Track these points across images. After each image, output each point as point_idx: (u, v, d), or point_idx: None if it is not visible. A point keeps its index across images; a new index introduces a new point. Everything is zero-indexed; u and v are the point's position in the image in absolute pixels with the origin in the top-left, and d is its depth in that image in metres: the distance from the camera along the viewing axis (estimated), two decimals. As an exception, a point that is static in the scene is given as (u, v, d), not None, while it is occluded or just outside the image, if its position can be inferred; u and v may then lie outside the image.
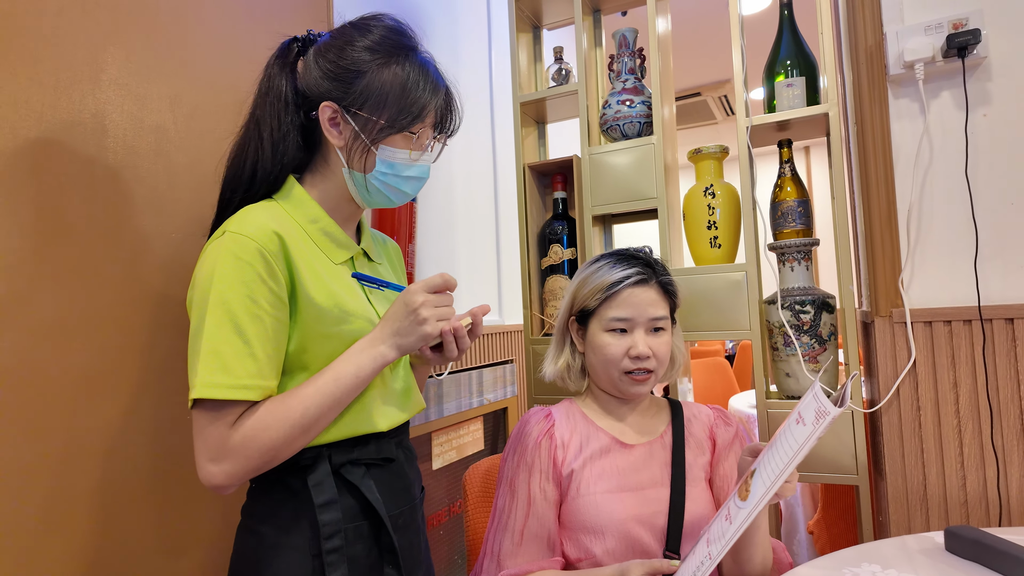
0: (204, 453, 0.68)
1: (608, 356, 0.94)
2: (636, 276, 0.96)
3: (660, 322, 0.96)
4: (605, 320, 0.96)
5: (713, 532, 0.76)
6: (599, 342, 0.96)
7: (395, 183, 0.81)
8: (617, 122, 1.45)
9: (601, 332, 0.96)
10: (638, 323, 0.95)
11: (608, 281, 0.96)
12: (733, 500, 0.75)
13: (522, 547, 0.90)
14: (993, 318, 1.10)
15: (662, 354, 0.95)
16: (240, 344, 0.68)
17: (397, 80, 0.77)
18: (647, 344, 0.94)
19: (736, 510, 0.73)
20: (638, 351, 0.93)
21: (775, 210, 1.37)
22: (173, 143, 0.96)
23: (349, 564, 0.74)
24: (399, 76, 0.77)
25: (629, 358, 0.93)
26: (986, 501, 1.10)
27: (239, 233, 0.71)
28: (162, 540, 0.89)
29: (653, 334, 0.96)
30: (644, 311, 0.95)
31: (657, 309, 0.95)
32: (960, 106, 1.14)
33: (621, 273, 0.96)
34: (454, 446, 1.65)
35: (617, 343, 0.94)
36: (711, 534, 0.76)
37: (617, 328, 0.95)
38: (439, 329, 0.76)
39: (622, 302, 0.95)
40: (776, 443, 0.72)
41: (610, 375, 0.95)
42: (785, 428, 0.72)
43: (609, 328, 0.95)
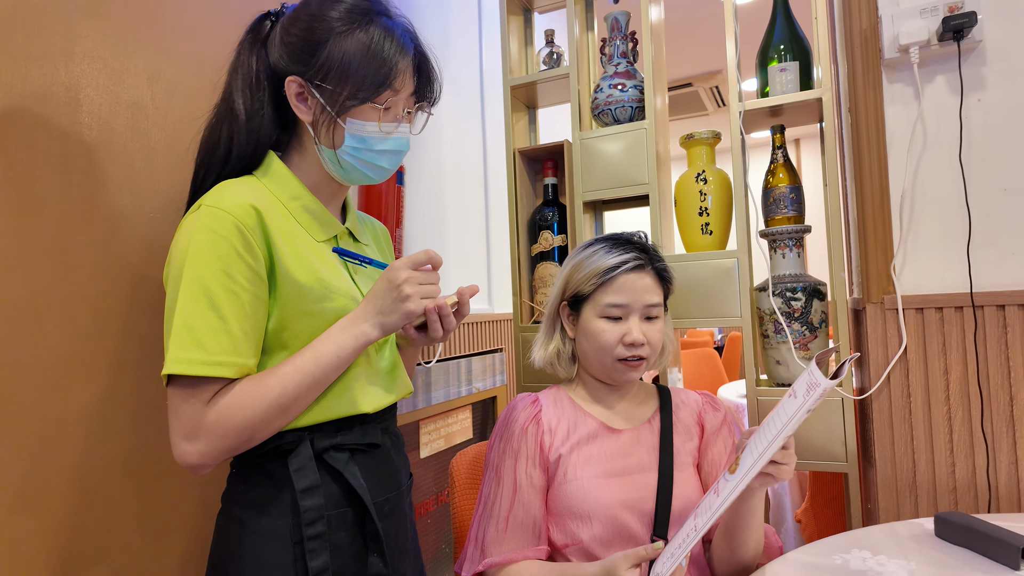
0: (178, 431, 0.66)
1: (602, 343, 0.92)
2: (633, 262, 0.94)
3: (654, 309, 0.94)
4: (600, 306, 0.94)
5: (702, 506, 0.75)
6: (593, 328, 0.94)
7: (369, 158, 0.78)
8: (609, 106, 1.43)
9: (595, 318, 0.94)
10: (633, 309, 0.93)
11: (604, 266, 0.94)
12: (723, 475, 0.75)
13: (507, 534, 0.88)
14: (985, 305, 1.09)
15: (655, 341, 0.94)
16: (215, 319, 0.66)
17: (359, 47, 0.74)
18: (641, 331, 0.92)
19: (724, 483, 0.72)
20: (633, 338, 0.91)
21: (767, 196, 1.36)
22: (151, 120, 0.93)
23: (332, 551, 0.72)
24: (361, 42, 0.74)
25: (623, 345, 0.92)
26: (975, 488, 1.10)
27: (215, 207, 0.68)
28: (141, 524, 0.87)
29: (647, 321, 0.94)
30: (640, 297, 0.93)
31: (652, 296, 0.94)
32: (955, 91, 1.13)
33: (618, 258, 0.94)
34: (442, 435, 1.63)
35: (611, 329, 0.92)
36: (699, 508, 0.75)
37: (612, 315, 0.93)
38: (423, 307, 0.74)
39: (618, 288, 0.93)
40: (768, 420, 0.72)
41: (603, 361, 0.93)
42: (779, 406, 0.71)
43: (604, 314, 0.94)
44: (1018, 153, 1.10)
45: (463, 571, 0.90)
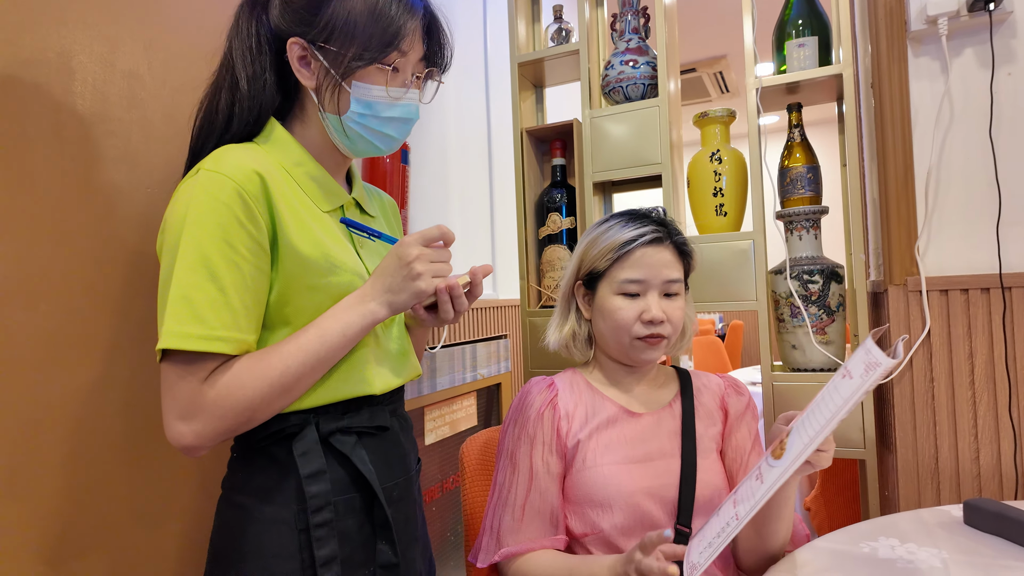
0: (173, 410, 0.62)
1: (619, 321, 0.88)
2: (651, 235, 0.89)
3: (674, 286, 0.90)
4: (616, 282, 0.89)
5: (741, 492, 0.71)
6: (610, 306, 0.89)
7: (376, 125, 0.74)
8: (620, 83, 1.39)
9: (611, 295, 0.90)
10: (652, 285, 0.88)
11: (620, 240, 0.90)
12: (766, 460, 0.70)
13: (523, 523, 0.85)
14: (1013, 286, 1.06)
15: (676, 319, 0.89)
16: (215, 292, 0.62)
17: (365, 5, 0.70)
18: (661, 308, 0.88)
19: (768, 469, 0.68)
20: (652, 315, 0.87)
21: (783, 177, 1.32)
22: (148, 91, 0.89)
23: (339, 539, 0.68)
24: (367, 0, 0.70)
25: (642, 323, 0.87)
26: (1000, 474, 1.07)
27: (215, 171, 0.64)
28: (138, 511, 0.83)
29: (666, 298, 0.90)
30: (658, 272, 0.88)
31: (672, 271, 0.89)
32: (985, 64, 1.09)
33: (634, 231, 0.90)
34: (447, 421, 1.60)
35: (629, 306, 0.88)
36: (739, 495, 0.71)
37: (629, 291, 0.89)
38: (434, 286, 0.70)
39: (635, 262, 0.89)
40: (817, 403, 0.68)
41: (620, 341, 0.89)
42: (828, 387, 0.66)
43: (621, 291, 0.89)
44: (1048, 129, 1.06)
45: (479, 561, 0.86)
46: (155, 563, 0.85)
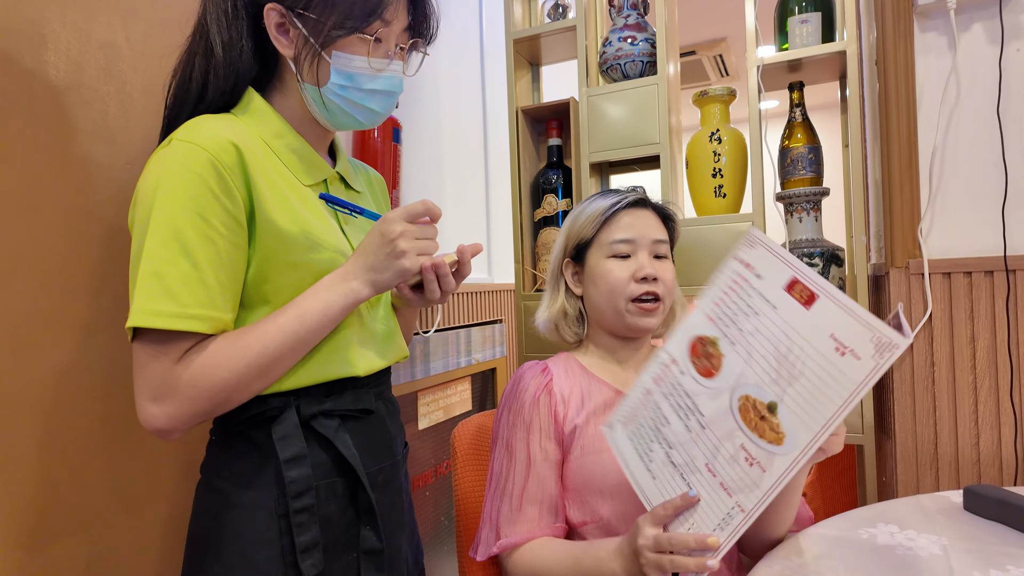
0: (144, 392, 0.59)
1: (613, 282, 0.86)
2: (632, 197, 0.91)
3: (662, 247, 0.89)
4: (605, 245, 0.89)
5: (728, 476, 0.65)
6: (601, 270, 0.88)
7: (357, 98, 0.71)
8: (618, 61, 1.35)
9: (602, 260, 0.88)
10: (641, 245, 0.88)
11: (603, 206, 0.90)
12: (748, 437, 0.64)
13: (522, 513, 0.82)
14: (1018, 269, 1.03)
15: (669, 280, 0.88)
16: (188, 267, 0.59)
17: None
18: (655, 267, 0.87)
19: (767, 456, 0.63)
20: (645, 272, 0.85)
21: (784, 157, 1.29)
22: (126, 62, 0.85)
23: (321, 524, 0.66)
24: None
25: (636, 281, 0.86)
26: (1000, 460, 1.06)
27: (188, 141, 0.61)
28: (118, 494, 0.81)
29: (656, 260, 0.89)
30: (646, 232, 0.88)
31: (658, 232, 0.90)
32: (994, 40, 1.06)
33: (615, 197, 0.91)
34: (441, 406, 1.58)
35: (621, 267, 0.87)
36: (725, 478, 0.66)
37: (620, 252, 0.88)
38: (419, 265, 0.67)
39: (621, 223, 0.89)
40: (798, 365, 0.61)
41: (616, 306, 0.87)
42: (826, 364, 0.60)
43: (611, 253, 0.88)
44: (1057, 108, 1.03)
45: (478, 555, 0.84)
46: (136, 547, 0.83)
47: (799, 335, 0.61)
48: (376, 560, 0.70)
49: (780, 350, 0.62)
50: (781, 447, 0.62)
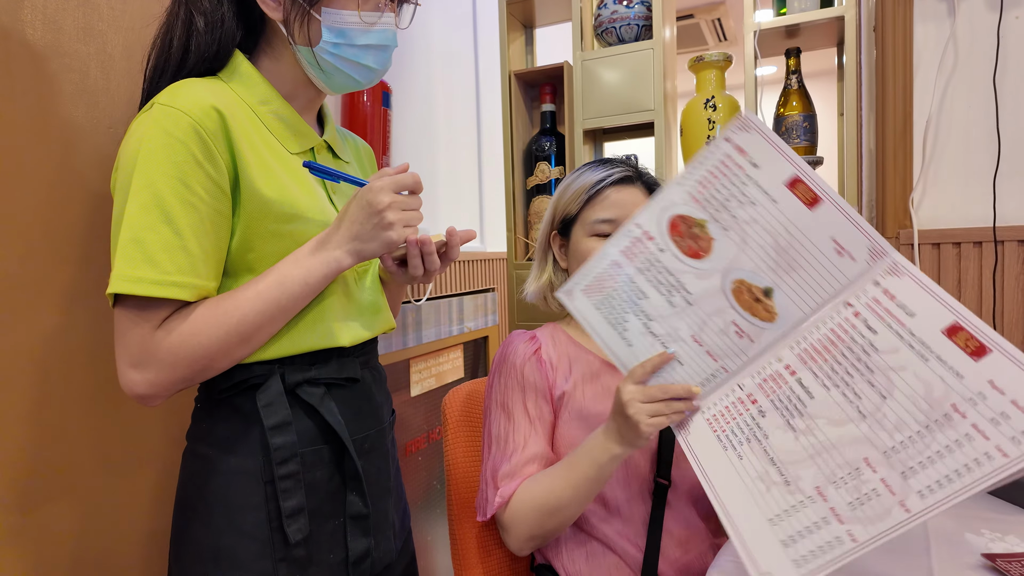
0: (125, 358, 0.59)
1: None
2: (619, 174, 0.89)
3: None
4: (588, 224, 0.88)
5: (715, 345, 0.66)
6: (583, 248, 0.88)
7: (351, 55, 0.69)
8: (613, 24, 1.32)
9: (585, 238, 0.89)
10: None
11: (589, 182, 0.89)
12: (740, 315, 0.65)
13: (522, 469, 0.84)
14: (1005, 239, 1.04)
15: None
16: (169, 234, 0.58)
17: None
18: None
19: (757, 330, 0.64)
20: None
21: (779, 125, 1.28)
22: (106, 22, 0.82)
23: (308, 490, 0.67)
24: None
25: None
26: (980, 427, 1.08)
27: (170, 106, 0.60)
28: (106, 460, 0.82)
29: None
30: (629, 211, 0.87)
31: None
32: (993, 6, 1.04)
33: (602, 173, 0.90)
34: (433, 373, 1.59)
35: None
36: (711, 346, 0.67)
37: (602, 232, 0.87)
38: (405, 235, 0.66)
39: (605, 202, 0.88)
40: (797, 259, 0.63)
41: None
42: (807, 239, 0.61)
43: (593, 232, 0.88)
44: (1053, 77, 1.03)
45: (483, 514, 0.85)
46: (125, 512, 0.84)
47: (801, 232, 0.62)
48: (362, 525, 0.71)
49: (780, 243, 0.63)
50: (774, 324, 0.64)
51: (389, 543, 0.76)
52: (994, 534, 0.72)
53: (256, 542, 0.65)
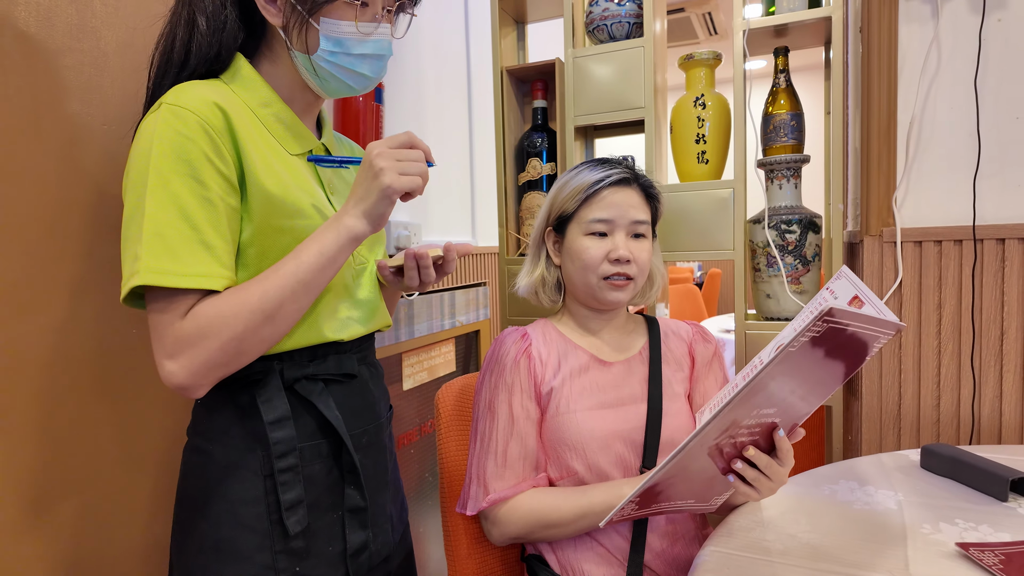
0: (160, 350, 0.61)
1: (587, 260, 0.89)
2: (617, 176, 0.91)
3: (641, 227, 0.91)
4: (584, 223, 0.90)
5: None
6: (578, 247, 0.90)
7: (347, 63, 0.71)
8: (604, 21, 1.33)
9: (580, 236, 0.91)
10: (619, 225, 0.90)
11: (588, 181, 0.91)
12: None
13: (507, 468, 0.86)
14: (985, 238, 1.07)
15: (643, 260, 0.90)
16: (187, 230, 0.60)
17: None
18: (628, 248, 0.89)
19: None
20: (619, 254, 0.88)
21: (767, 124, 1.30)
22: (99, 18, 0.83)
23: (307, 484, 0.69)
24: None
25: (609, 261, 0.88)
26: (958, 420, 1.11)
27: (177, 105, 0.61)
28: (114, 455, 0.83)
29: (634, 239, 0.91)
30: (625, 213, 0.89)
31: (638, 212, 0.91)
32: (975, 9, 1.06)
33: (601, 173, 0.91)
34: (425, 367, 1.61)
35: (596, 246, 0.89)
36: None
37: (597, 231, 0.90)
38: (403, 183, 0.65)
39: (602, 202, 0.90)
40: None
41: (587, 281, 0.90)
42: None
43: (589, 231, 0.90)
44: (1033, 79, 1.05)
45: (468, 510, 0.88)
46: (128, 505, 0.85)
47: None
48: (360, 518, 0.73)
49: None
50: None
51: (387, 535, 0.78)
52: (968, 523, 0.74)
53: (256, 534, 0.66)
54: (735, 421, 0.64)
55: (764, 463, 0.70)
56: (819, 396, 0.69)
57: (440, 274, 0.77)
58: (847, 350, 0.63)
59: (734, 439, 0.67)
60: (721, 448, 0.67)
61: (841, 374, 0.67)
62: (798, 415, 0.70)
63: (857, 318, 0.58)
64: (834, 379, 0.67)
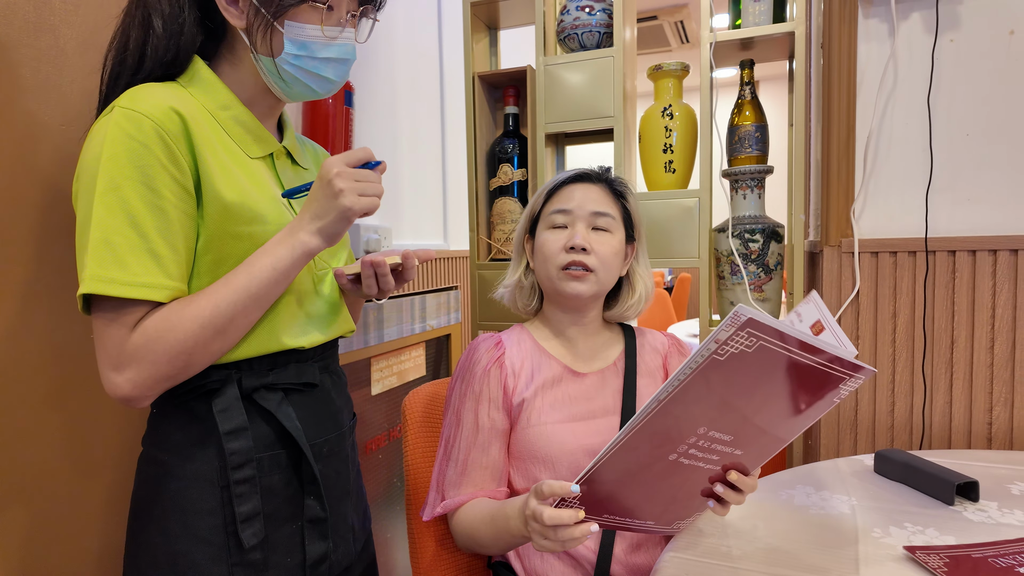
0: (105, 361, 0.60)
1: (546, 252, 0.90)
2: (581, 172, 0.94)
3: (603, 219, 0.90)
4: (547, 217, 0.92)
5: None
6: (540, 241, 0.92)
7: (312, 67, 0.70)
8: (576, 31, 1.35)
9: (543, 231, 0.92)
10: (578, 216, 0.90)
11: (554, 181, 0.95)
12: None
13: (466, 477, 0.86)
14: (937, 250, 1.11)
15: (603, 254, 0.88)
16: (136, 238, 0.59)
17: None
18: (587, 239, 0.88)
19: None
20: (574, 241, 0.87)
21: (732, 134, 1.33)
22: (59, 16, 0.81)
23: (265, 495, 0.68)
24: None
25: (565, 250, 0.88)
26: (911, 426, 1.15)
27: (131, 109, 0.60)
28: (65, 463, 0.81)
29: (595, 232, 0.90)
30: (584, 204, 0.90)
31: (600, 205, 0.91)
32: (929, 29, 1.10)
33: (567, 174, 0.95)
34: (395, 371, 1.60)
35: (555, 237, 0.90)
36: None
37: (556, 223, 0.91)
38: (362, 205, 0.66)
39: (562, 195, 0.93)
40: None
41: (549, 274, 0.90)
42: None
43: (549, 224, 0.92)
44: (983, 98, 1.09)
45: (424, 515, 0.89)
46: (81, 517, 0.83)
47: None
48: (320, 528, 0.72)
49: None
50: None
51: (348, 545, 0.77)
52: (916, 527, 0.77)
53: (211, 547, 0.65)
54: (669, 432, 0.61)
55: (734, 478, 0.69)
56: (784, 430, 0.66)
57: (400, 281, 0.76)
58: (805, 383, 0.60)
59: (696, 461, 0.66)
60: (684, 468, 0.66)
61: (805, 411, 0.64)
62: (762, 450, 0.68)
63: (786, 339, 0.54)
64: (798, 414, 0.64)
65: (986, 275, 1.08)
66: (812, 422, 0.65)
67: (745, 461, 0.68)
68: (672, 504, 0.72)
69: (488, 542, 0.82)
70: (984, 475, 0.92)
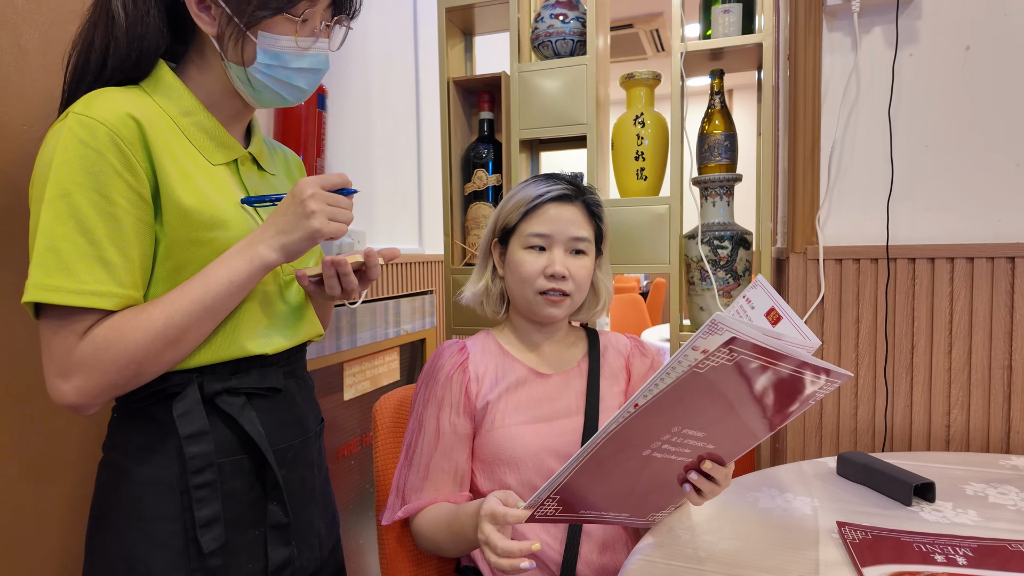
0: (51, 368, 0.59)
1: (524, 274, 0.90)
2: (559, 191, 0.91)
3: (581, 243, 0.91)
4: (524, 236, 0.91)
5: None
6: (516, 259, 0.91)
7: (284, 76, 0.70)
8: (549, 38, 1.36)
9: (519, 249, 0.91)
10: (557, 241, 0.90)
11: (530, 196, 0.92)
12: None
13: (427, 481, 0.87)
14: (898, 257, 1.14)
15: (580, 278, 0.91)
16: (85, 244, 0.58)
17: None
18: (565, 264, 0.89)
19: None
20: (554, 269, 0.88)
21: (702, 143, 1.35)
22: (20, 15, 0.79)
23: (227, 500, 0.67)
24: None
25: (544, 276, 0.89)
26: (873, 429, 1.18)
27: (85, 115, 0.59)
28: (20, 469, 0.79)
29: (573, 256, 0.91)
30: (564, 229, 0.90)
31: (579, 229, 0.91)
32: (890, 44, 1.14)
33: (544, 188, 0.92)
34: (368, 376, 1.59)
35: (534, 260, 0.90)
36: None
37: (535, 245, 0.90)
38: (330, 229, 0.66)
39: (542, 216, 0.91)
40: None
41: (525, 295, 0.91)
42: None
43: (527, 245, 0.91)
44: (941, 110, 1.13)
45: (384, 519, 0.89)
46: (42, 523, 0.81)
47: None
48: (282, 534, 0.72)
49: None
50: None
51: (313, 551, 0.77)
52: (874, 528, 0.79)
53: (169, 552, 0.64)
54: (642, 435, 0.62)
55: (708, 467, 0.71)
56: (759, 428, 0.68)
57: (364, 281, 0.75)
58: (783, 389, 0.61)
59: (669, 455, 0.68)
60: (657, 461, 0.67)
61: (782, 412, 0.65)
62: (736, 445, 0.70)
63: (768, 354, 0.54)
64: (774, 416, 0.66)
65: (944, 282, 1.12)
66: (788, 421, 0.68)
67: (720, 453, 0.70)
68: (648, 496, 0.73)
69: (447, 545, 0.83)
70: (941, 476, 0.94)
